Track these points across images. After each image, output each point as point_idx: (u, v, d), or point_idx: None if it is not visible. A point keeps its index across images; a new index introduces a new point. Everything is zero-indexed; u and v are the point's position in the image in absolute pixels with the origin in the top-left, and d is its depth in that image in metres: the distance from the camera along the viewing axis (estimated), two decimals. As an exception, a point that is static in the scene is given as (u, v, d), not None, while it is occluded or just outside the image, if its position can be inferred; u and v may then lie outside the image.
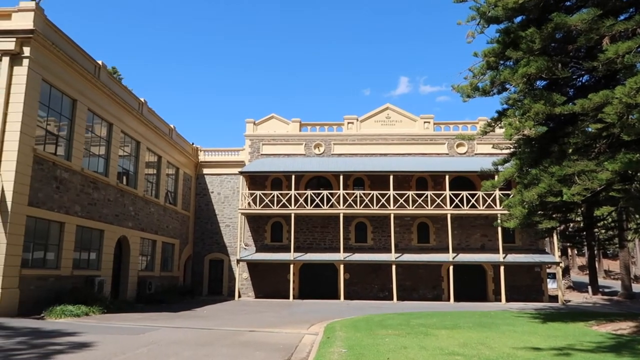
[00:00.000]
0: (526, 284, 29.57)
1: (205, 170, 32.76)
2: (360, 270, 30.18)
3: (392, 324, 14.40)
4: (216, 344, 10.41)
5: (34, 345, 9.33)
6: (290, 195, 29.47)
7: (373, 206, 29.14)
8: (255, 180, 31.47)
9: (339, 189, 29.84)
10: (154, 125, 25.15)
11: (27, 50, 15.42)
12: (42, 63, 16.06)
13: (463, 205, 28.74)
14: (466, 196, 28.83)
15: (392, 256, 28.24)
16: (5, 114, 14.91)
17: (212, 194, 32.52)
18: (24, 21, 15.62)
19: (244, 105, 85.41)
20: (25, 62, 15.40)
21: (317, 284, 30.30)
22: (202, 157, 33.00)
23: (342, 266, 28.58)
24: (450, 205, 28.89)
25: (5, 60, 15.31)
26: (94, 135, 20.04)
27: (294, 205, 29.28)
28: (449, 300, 28.41)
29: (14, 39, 15.28)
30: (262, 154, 32.27)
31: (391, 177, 28.93)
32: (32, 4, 15.85)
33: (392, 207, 28.81)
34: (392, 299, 28.07)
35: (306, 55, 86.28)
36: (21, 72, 15.33)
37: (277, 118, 32.95)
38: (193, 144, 32.42)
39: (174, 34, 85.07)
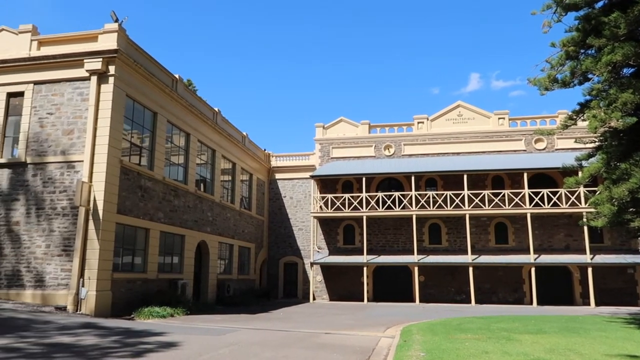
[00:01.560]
0: (618, 287, 27.57)
1: (277, 175, 33.49)
2: (436, 273, 29.51)
3: (471, 328, 13.95)
4: (294, 346, 10.59)
5: (127, 344, 9.96)
6: (362, 198, 29.44)
7: (447, 207, 28.41)
8: (326, 183, 31.73)
9: (410, 190, 29.42)
10: (227, 133, 26.10)
11: (112, 69, 16.54)
12: (126, 80, 17.16)
13: (544, 204, 27.32)
14: (547, 194, 27.39)
15: (468, 258, 27.37)
16: (95, 129, 16.07)
17: (285, 198, 33.17)
18: (108, 42, 16.79)
19: (311, 108, 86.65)
20: (111, 80, 16.52)
21: (391, 286, 30.00)
22: (274, 162, 33.78)
23: (416, 268, 28.11)
24: (530, 204, 27.56)
25: (94, 79, 16.51)
26: (173, 145, 21.12)
27: (366, 208, 29.19)
28: (531, 303, 27.10)
29: (100, 59, 16.45)
30: (332, 158, 32.50)
31: (465, 176, 28.08)
32: (115, 26, 16.99)
33: (467, 208, 27.95)
34: (469, 302, 27.21)
35: (373, 53, 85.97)
36: (107, 90, 16.47)
37: (345, 121, 33.06)
38: (265, 149, 33.28)
39: (239, 37, 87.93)
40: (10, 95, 17.41)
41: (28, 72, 17.15)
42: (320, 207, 30.30)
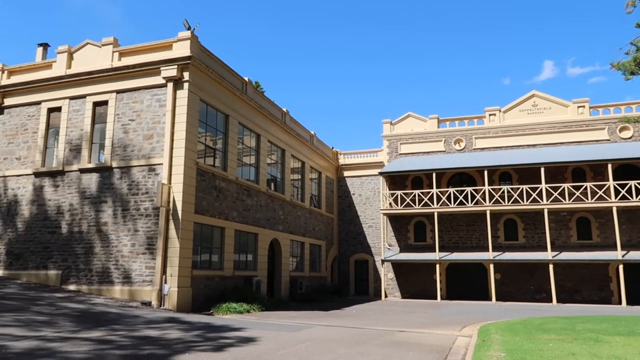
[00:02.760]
0: None
1: (346, 173, 33.56)
2: (513, 270, 28.34)
3: (554, 328, 13.26)
4: (368, 343, 10.57)
5: (208, 338, 10.39)
6: (432, 194, 28.85)
7: (523, 201, 27.19)
8: (395, 180, 31.38)
9: (483, 185, 28.44)
10: (296, 133, 26.50)
11: (186, 75, 17.29)
12: (199, 85, 17.88)
13: (632, 197, 25.47)
14: (635, 186, 25.51)
15: (548, 255, 26.05)
16: (172, 133, 16.88)
17: (354, 195, 33.18)
18: (182, 49, 17.56)
19: (378, 105, 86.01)
20: (186, 85, 17.28)
21: (465, 284, 29.17)
22: (342, 160, 33.87)
23: (491, 266, 27.15)
24: (616, 197, 25.79)
25: (170, 85, 17.34)
26: (244, 146, 21.75)
27: (437, 204, 28.57)
28: (620, 303, 25.36)
29: (175, 66, 17.24)
30: (400, 154, 32.09)
31: (542, 169, 26.73)
32: (188, 33, 17.73)
33: (545, 202, 26.59)
34: (550, 301, 25.91)
35: (438, 46, 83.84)
36: (183, 95, 17.24)
37: (413, 116, 32.52)
38: (333, 147, 33.44)
39: (304, 35, 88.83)
40: (95, 104, 18.66)
41: (111, 82, 18.30)
42: (390, 203, 30.02)
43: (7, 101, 20.08)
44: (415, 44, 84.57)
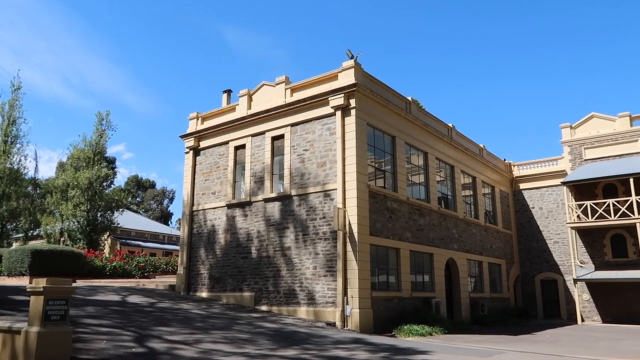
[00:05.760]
0: None
1: (522, 185, 31.15)
2: None
3: None
4: (575, 373, 9.41)
5: (395, 360, 10.31)
6: (631, 202, 25.14)
7: None
8: (582, 189, 28.12)
9: (700, 188, 23.89)
10: (464, 147, 25.51)
11: (352, 102, 17.89)
12: (365, 110, 18.35)
13: None
14: None
15: None
16: (343, 159, 17.52)
17: (533, 209, 30.56)
18: (347, 78, 18.25)
19: (546, 111, 78.82)
20: (353, 112, 17.86)
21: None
22: (516, 172, 31.58)
23: None
24: None
25: (338, 113, 18.09)
26: (412, 166, 21.59)
27: (638, 214, 24.76)
28: None
29: (342, 95, 17.96)
30: (585, 160, 28.76)
31: None
32: (352, 62, 18.41)
33: None
34: None
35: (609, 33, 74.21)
36: (350, 121, 17.84)
37: (598, 117, 29.02)
38: (504, 159, 31.41)
39: (458, 53, 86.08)
40: (273, 138, 20.32)
41: (285, 116, 19.80)
42: (578, 216, 26.93)
43: (202, 143, 23.02)
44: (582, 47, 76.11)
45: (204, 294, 20.92)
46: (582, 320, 26.34)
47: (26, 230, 45.06)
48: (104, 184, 41.98)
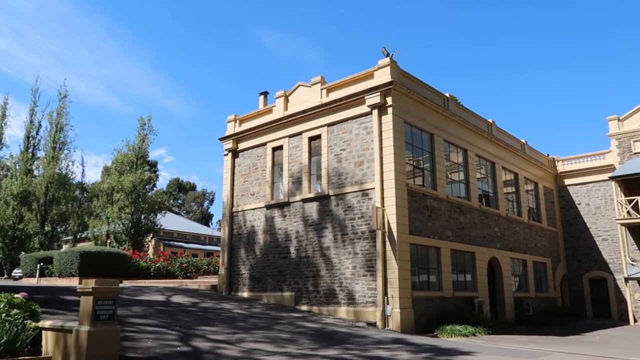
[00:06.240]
0: None
1: (567, 181, 30.11)
2: None
3: None
4: (629, 376, 9.02)
5: (438, 361, 10.15)
6: (686, 196, 23.90)
7: None
8: (632, 184, 26.92)
9: None
10: (505, 143, 24.88)
11: (389, 100, 17.73)
12: (402, 107, 18.15)
13: None
14: None
15: None
16: (381, 158, 17.39)
17: (579, 205, 29.50)
18: (383, 76, 18.11)
19: (590, 103, 75.86)
20: (389, 110, 17.70)
21: None
22: (561, 167, 30.56)
23: None
24: None
25: (374, 112, 17.96)
26: (451, 163, 21.22)
27: (694, 208, 23.53)
28: None
29: (378, 93, 17.82)
30: (634, 153, 27.54)
31: None
32: (387, 60, 18.25)
33: None
34: None
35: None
36: (387, 120, 17.68)
37: (648, 107, 27.74)
38: (548, 155, 30.45)
39: (496, 48, 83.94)
40: (310, 139, 20.38)
41: (322, 116, 19.81)
42: (628, 212, 25.83)
43: (240, 145, 23.33)
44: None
45: (245, 294, 21.20)
46: (635, 320, 25.23)
47: (75, 233, 46.95)
48: (147, 187, 43.22)
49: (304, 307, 18.63)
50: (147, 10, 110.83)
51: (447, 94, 21.09)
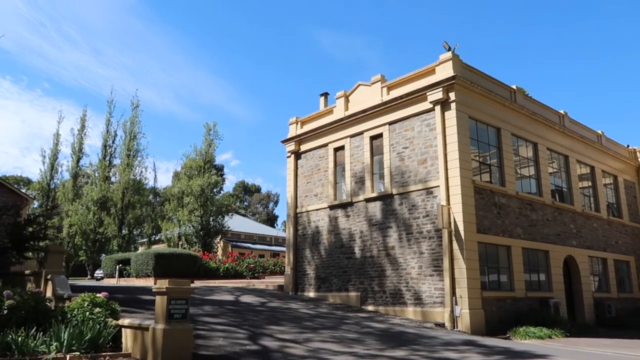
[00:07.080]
0: None
1: (650, 173, 28.00)
2: None
3: None
4: None
5: (512, 364, 9.75)
6: None
7: None
8: None
9: None
10: (579, 135, 23.52)
11: (452, 95, 17.26)
12: (466, 102, 17.61)
13: None
14: None
15: None
16: (445, 155, 16.95)
17: (665, 199, 27.32)
18: (445, 71, 17.65)
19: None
20: (453, 105, 17.22)
21: None
22: (643, 158, 28.45)
23: None
24: None
25: (437, 108, 17.54)
26: (520, 158, 20.34)
27: None
28: None
29: (441, 89, 17.39)
30: None
31: None
32: (449, 54, 17.78)
33: None
34: None
35: None
36: (451, 115, 17.21)
37: None
38: (628, 146, 28.45)
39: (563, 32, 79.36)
40: (372, 138, 20.24)
41: (383, 115, 19.62)
42: None
43: (303, 147, 23.58)
44: None
45: (311, 294, 21.39)
46: None
47: (149, 235, 49.50)
48: (214, 190, 44.78)
49: (370, 307, 18.52)
50: (207, 20, 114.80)
51: (513, 86, 20.25)
